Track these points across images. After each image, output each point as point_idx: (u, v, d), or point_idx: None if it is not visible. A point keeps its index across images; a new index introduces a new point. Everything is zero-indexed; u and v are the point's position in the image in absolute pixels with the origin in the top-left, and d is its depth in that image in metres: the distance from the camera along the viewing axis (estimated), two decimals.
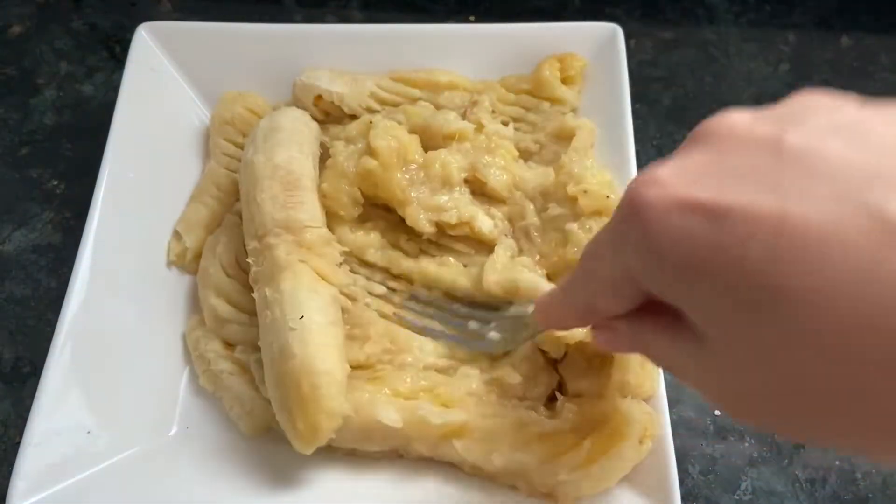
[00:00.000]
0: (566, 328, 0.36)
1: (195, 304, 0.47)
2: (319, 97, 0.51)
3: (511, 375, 0.40)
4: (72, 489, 0.38)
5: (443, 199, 0.45)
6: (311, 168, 0.46)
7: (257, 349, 0.43)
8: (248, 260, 0.43)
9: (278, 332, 0.38)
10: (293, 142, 0.45)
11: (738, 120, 0.22)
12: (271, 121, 0.46)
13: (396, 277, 0.45)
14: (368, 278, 0.45)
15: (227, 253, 0.46)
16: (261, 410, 0.42)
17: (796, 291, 0.18)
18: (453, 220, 0.44)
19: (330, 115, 0.52)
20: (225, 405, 0.43)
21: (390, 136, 0.45)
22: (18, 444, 0.38)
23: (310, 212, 0.43)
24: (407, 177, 0.45)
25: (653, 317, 0.25)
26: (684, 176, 0.21)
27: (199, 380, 0.44)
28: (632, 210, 0.22)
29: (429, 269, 0.44)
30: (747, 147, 0.21)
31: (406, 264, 0.45)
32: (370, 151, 0.45)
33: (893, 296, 0.17)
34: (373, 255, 0.46)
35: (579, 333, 0.40)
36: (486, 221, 0.45)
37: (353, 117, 0.51)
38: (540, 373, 0.41)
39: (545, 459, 0.37)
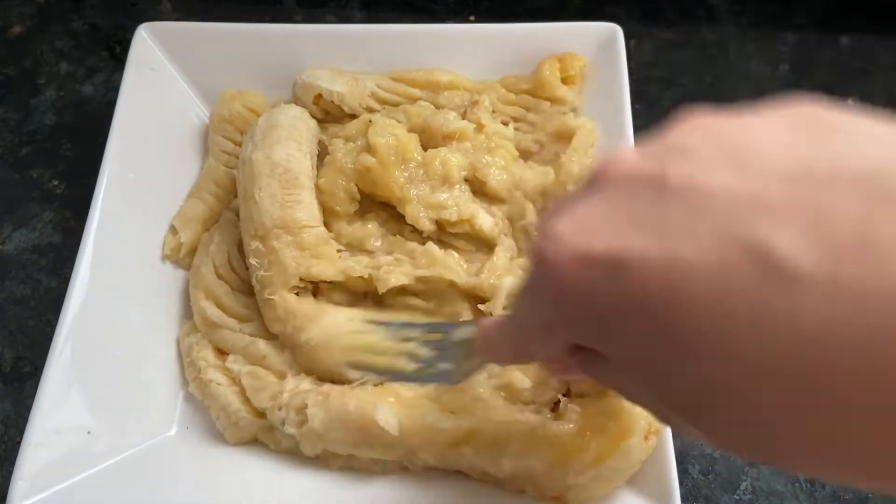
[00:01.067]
0: (504, 363, 0.37)
1: None
2: (319, 96, 0.51)
3: (521, 381, 0.40)
4: (72, 489, 0.38)
5: (443, 196, 0.45)
6: (310, 166, 0.46)
7: (249, 360, 0.43)
8: (251, 261, 0.43)
9: None
10: (291, 139, 0.45)
11: (624, 160, 0.22)
12: (269, 118, 0.46)
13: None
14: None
15: (220, 252, 0.46)
16: (246, 423, 0.42)
17: (689, 339, 0.18)
18: (453, 218, 0.44)
19: (329, 114, 0.52)
20: (212, 415, 0.43)
21: (389, 133, 0.45)
22: (18, 444, 0.38)
23: (307, 210, 0.44)
24: (406, 174, 0.45)
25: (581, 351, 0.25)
26: (580, 228, 0.21)
27: (188, 386, 0.44)
28: (538, 269, 0.23)
29: (434, 252, 0.44)
30: (634, 188, 0.21)
31: (410, 245, 0.45)
32: (369, 149, 0.45)
33: (783, 347, 0.17)
34: (372, 245, 0.45)
35: None
36: (486, 219, 0.45)
37: (353, 117, 0.51)
38: (550, 377, 0.41)
39: (554, 463, 0.37)
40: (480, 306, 0.43)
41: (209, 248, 0.46)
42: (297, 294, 0.43)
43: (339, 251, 0.45)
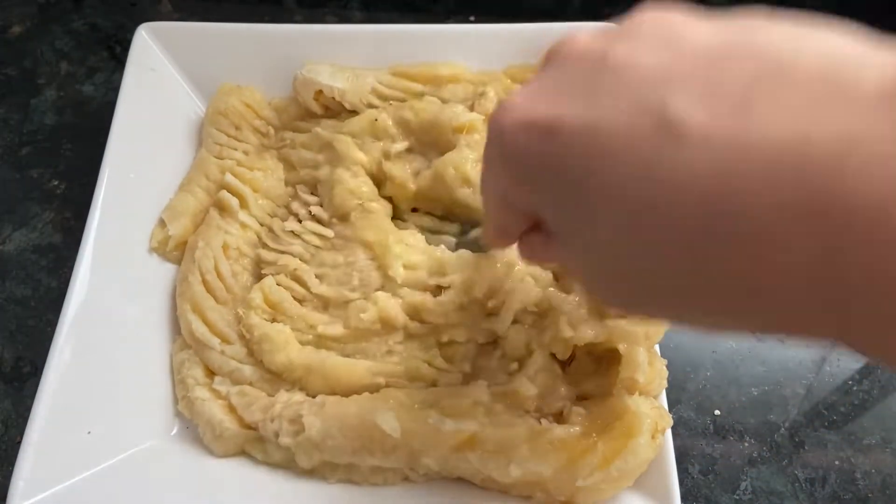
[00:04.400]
0: (502, 247, 0.38)
1: None
2: (320, 92, 0.51)
3: (527, 387, 0.39)
4: (72, 489, 0.38)
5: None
6: None
7: (237, 381, 0.43)
8: (240, 311, 0.44)
9: None
10: None
11: (577, 40, 0.25)
12: None
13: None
14: None
15: (206, 258, 0.46)
16: (231, 434, 0.41)
17: (600, 190, 0.21)
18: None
19: (329, 109, 0.52)
20: (200, 432, 0.42)
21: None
22: (19, 444, 0.38)
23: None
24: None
25: (537, 230, 0.29)
26: (531, 98, 0.24)
27: (178, 404, 0.43)
28: (492, 134, 0.26)
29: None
30: (582, 63, 0.23)
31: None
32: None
33: (666, 193, 0.20)
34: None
35: (588, 336, 0.39)
36: None
37: (354, 112, 0.51)
38: (558, 387, 0.40)
39: (561, 467, 0.36)
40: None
41: (195, 254, 0.46)
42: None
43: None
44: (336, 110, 0.52)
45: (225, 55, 0.52)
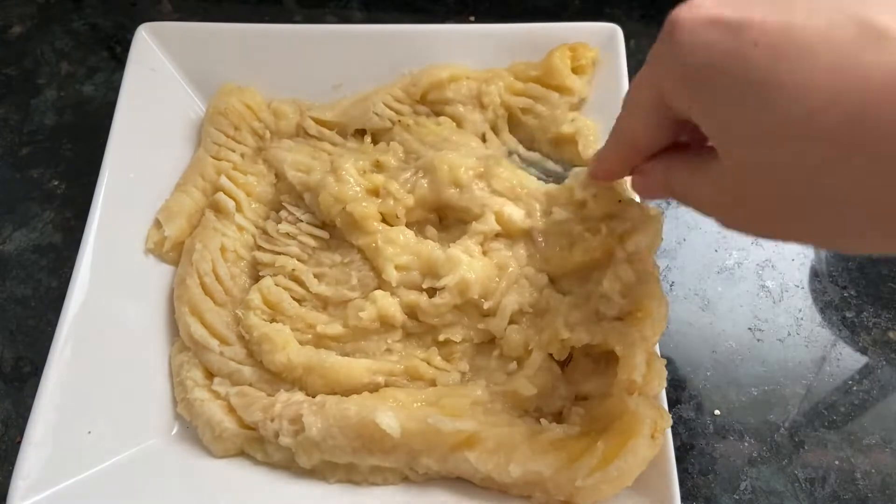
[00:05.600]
0: (614, 175, 0.38)
1: None
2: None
3: (526, 387, 0.39)
4: (72, 489, 0.38)
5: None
6: None
7: (237, 382, 0.43)
8: (238, 313, 0.44)
9: None
10: None
11: None
12: None
13: None
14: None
15: (204, 261, 0.46)
16: (230, 434, 0.41)
17: (787, 84, 0.22)
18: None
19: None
20: (199, 433, 0.42)
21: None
22: (19, 444, 0.38)
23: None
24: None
25: (679, 154, 0.30)
26: (717, 2, 0.25)
27: (178, 406, 0.43)
28: (667, 29, 0.26)
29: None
30: None
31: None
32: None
33: (860, 84, 0.21)
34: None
35: (584, 338, 0.39)
36: (515, 211, 0.44)
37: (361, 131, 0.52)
38: (557, 387, 0.40)
39: (561, 467, 0.36)
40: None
41: (192, 257, 0.46)
42: None
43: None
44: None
45: (225, 55, 0.52)
